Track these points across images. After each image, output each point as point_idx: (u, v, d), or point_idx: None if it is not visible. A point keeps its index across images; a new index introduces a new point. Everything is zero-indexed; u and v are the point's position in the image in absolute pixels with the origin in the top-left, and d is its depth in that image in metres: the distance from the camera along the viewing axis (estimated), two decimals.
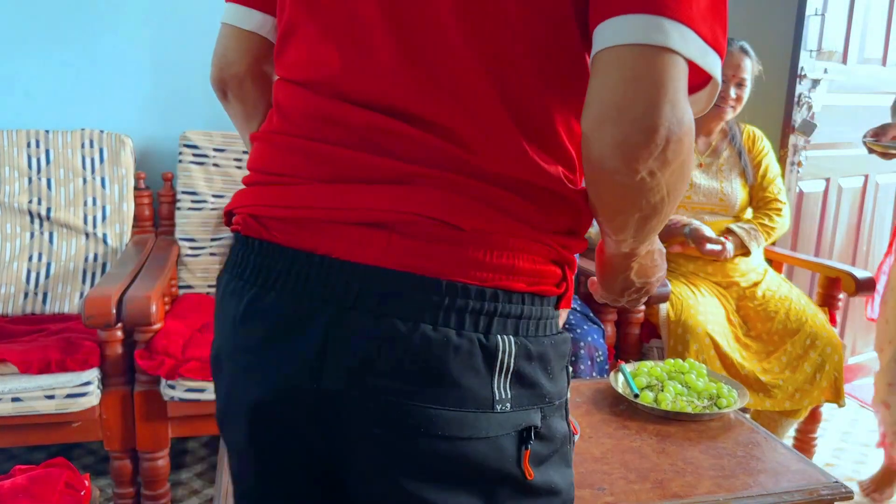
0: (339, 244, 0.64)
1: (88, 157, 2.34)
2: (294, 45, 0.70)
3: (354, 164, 0.64)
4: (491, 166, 0.63)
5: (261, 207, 0.68)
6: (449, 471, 0.64)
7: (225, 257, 2.39)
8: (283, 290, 0.65)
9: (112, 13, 2.45)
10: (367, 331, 0.63)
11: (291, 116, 0.69)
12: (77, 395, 1.82)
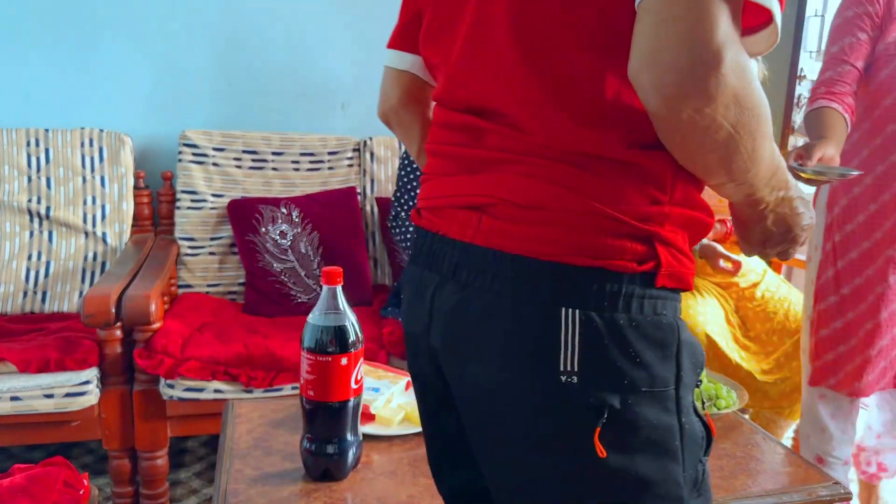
0: (451, 225, 0.75)
1: (88, 155, 2.34)
2: (432, 75, 0.90)
3: (462, 158, 0.76)
4: (549, 145, 0.68)
5: (420, 200, 0.84)
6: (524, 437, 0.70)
7: (224, 256, 2.40)
8: (418, 261, 0.81)
9: (112, 12, 2.45)
10: (452, 299, 0.73)
11: (432, 127, 0.85)
12: (76, 394, 1.82)
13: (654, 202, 0.68)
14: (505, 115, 0.72)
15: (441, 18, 0.82)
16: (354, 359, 1.13)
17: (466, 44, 0.76)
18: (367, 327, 2.02)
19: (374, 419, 1.34)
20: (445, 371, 0.78)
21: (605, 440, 0.66)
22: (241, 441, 1.30)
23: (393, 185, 2.55)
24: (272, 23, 2.59)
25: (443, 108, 0.82)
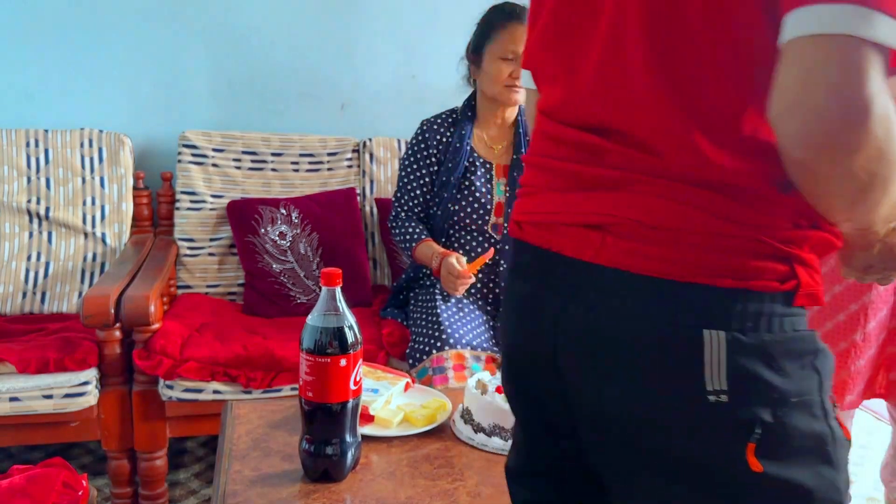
0: (566, 243, 0.75)
1: (87, 156, 2.34)
2: (538, 83, 0.88)
3: (576, 175, 0.76)
4: (685, 171, 0.68)
5: (519, 213, 0.84)
6: (667, 459, 0.69)
7: (223, 257, 2.40)
8: (529, 278, 0.80)
9: (112, 13, 2.45)
10: (584, 320, 0.72)
11: (539, 140, 0.84)
12: (75, 394, 1.82)
13: (796, 226, 0.68)
14: (632, 137, 0.71)
15: (561, 28, 0.80)
16: (353, 360, 1.14)
17: (596, 63, 0.74)
18: (366, 328, 2.02)
19: (373, 420, 1.34)
20: (573, 393, 0.76)
21: (760, 455, 0.66)
22: (240, 442, 1.30)
23: (393, 186, 2.55)
24: (272, 24, 2.59)
25: (552, 121, 0.81)
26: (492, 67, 1.96)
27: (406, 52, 2.72)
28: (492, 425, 1.30)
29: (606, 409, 0.72)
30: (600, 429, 0.74)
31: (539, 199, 0.80)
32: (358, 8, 2.65)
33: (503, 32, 1.94)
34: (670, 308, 0.68)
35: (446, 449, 1.29)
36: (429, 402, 1.41)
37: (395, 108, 2.74)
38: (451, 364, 1.80)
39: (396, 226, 2.11)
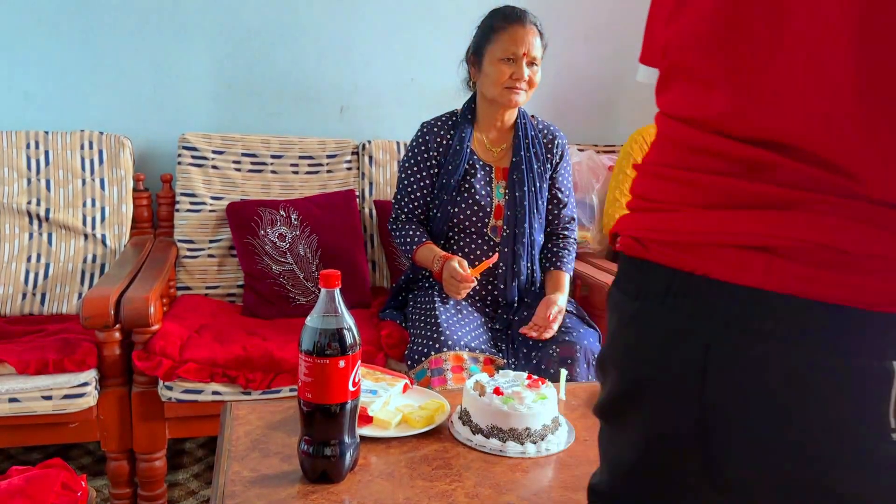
0: (716, 266, 0.67)
1: (88, 158, 2.35)
2: (678, 86, 0.76)
3: (733, 191, 0.68)
4: (881, 194, 0.62)
5: (642, 231, 0.75)
6: (833, 498, 0.64)
7: (223, 259, 2.40)
8: (663, 305, 0.71)
9: (112, 14, 2.46)
10: (745, 350, 0.65)
11: (670, 149, 0.75)
12: (74, 395, 1.83)
13: None
14: (813, 154, 0.64)
15: (729, 29, 0.70)
16: (352, 361, 1.14)
17: (781, 72, 0.66)
18: (364, 330, 2.03)
19: (372, 421, 1.35)
20: (719, 431, 0.69)
21: None
22: (239, 443, 1.30)
23: (391, 189, 2.56)
24: (272, 26, 2.60)
25: (702, 130, 0.72)
26: (492, 69, 1.97)
27: (405, 55, 2.73)
28: (490, 426, 1.30)
29: (768, 443, 0.66)
30: (753, 463, 0.67)
31: (673, 216, 0.72)
32: (357, 11, 2.66)
33: (503, 34, 1.95)
34: (855, 338, 0.62)
35: (444, 450, 1.30)
36: (427, 404, 1.41)
37: (394, 110, 2.75)
38: (450, 365, 1.80)
39: (396, 228, 2.12)
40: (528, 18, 1.98)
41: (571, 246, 2.15)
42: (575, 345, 1.87)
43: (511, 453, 1.28)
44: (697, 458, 0.71)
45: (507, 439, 1.29)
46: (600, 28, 2.89)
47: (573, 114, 2.90)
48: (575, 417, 1.45)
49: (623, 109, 2.98)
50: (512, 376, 1.44)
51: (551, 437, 1.31)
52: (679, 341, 0.70)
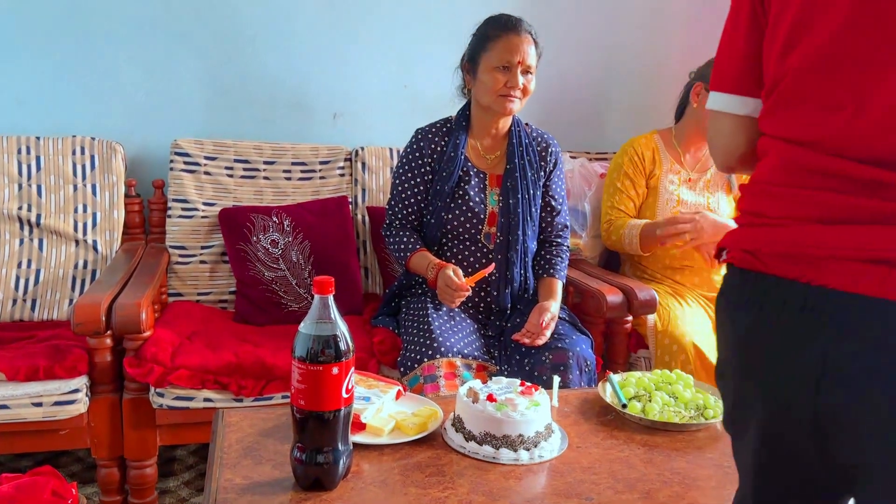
0: (834, 277, 0.72)
1: (79, 164, 2.34)
2: (791, 111, 0.82)
3: (851, 208, 0.73)
4: None
5: (756, 244, 0.81)
6: None
7: (215, 265, 2.40)
8: (781, 314, 0.77)
9: (104, 20, 2.45)
10: (861, 356, 0.71)
11: (783, 169, 0.82)
12: (65, 402, 1.82)
13: None
14: None
15: (850, 55, 0.76)
16: (345, 368, 1.14)
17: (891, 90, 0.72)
18: (357, 336, 2.02)
19: (365, 428, 1.35)
20: (834, 432, 0.75)
21: None
22: (232, 450, 1.30)
23: (384, 195, 2.56)
24: (265, 32, 2.60)
25: (820, 153, 0.77)
26: (487, 77, 1.97)
27: (398, 62, 2.74)
28: (483, 433, 1.31)
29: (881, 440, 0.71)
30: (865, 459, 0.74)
31: (789, 231, 0.78)
32: (350, 18, 2.67)
33: (498, 43, 1.95)
34: None
35: (437, 457, 1.30)
36: (420, 411, 1.41)
37: (388, 117, 2.75)
38: (443, 372, 1.80)
39: (390, 234, 2.12)
40: (523, 27, 1.98)
41: (564, 253, 2.16)
42: (567, 351, 1.88)
43: (504, 460, 1.28)
44: (813, 455, 0.77)
45: (501, 446, 1.29)
46: (592, 37, 2.91)
47: (565, 121, 2.91)
48: (568, 424, 1.45)
49: (614, 118, 3.00)
50: (505, 383, 1.44)
51: (544, 444, 1.32)
52: (797, 348, 0.75)
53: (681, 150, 2.46)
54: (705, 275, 2.40)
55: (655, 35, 2.98)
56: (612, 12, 2.91)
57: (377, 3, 2.68)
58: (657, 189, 2.42)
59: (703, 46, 2.48)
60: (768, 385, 0.79)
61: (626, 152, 2.45)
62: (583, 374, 1.88)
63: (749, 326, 0.81)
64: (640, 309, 2.17)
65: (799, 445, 0.79)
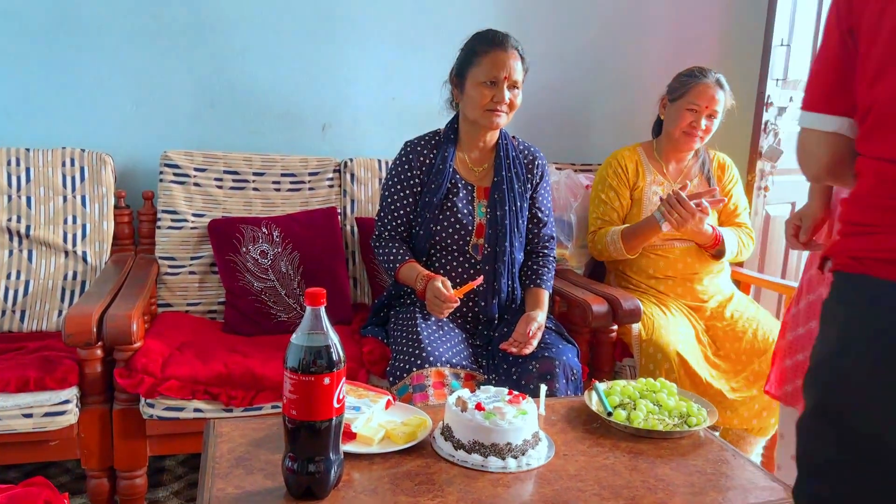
0: None
1: (69, 175, 2.35)
2: (884, 134, 0.96)
3: None
4: None
5: (860, 251, 0.92)
6: None
7: (204, 276, 2.41)
8: (876, 309, 0.90)
9: (94, 32, 2.47)
10: None
11: (882, 185, 0.94)
12: (55, 413, 1.82)
13: None
14: None
15: None
16: (337, 378, 1.16)
17: None
18: (347, 346, 2.04)
19: (356, 438, 1.37)
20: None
21: None
22: (223, 460, 1.31)
23: (373, 206, 2.58)
24: (255, 45, 2.62)
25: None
26: (474, 92, 2.00)
27: (386, 74, 2.77)
28: (472, 442, 1.33)
29: None
30: None
31: (888, 238, 0.91)
32: (340, 31, 2.69)
33: (486, 59, 1.98)
34: None
35: (427, 466, 1.32)
36: (409, 420, 1.44)
37: (376, 129, 2.78)
38: (431, 382, 1.83)
39: (380, 246, 2.14)
40: (510, 43, 2.01)
41: (550, 264, 2.19)
42: (554, 360, 1.90)
43: (492, 468, 1.31)
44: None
45: (489, 454, 1.32)
46: (576, 50, 2.95)
47: (551, 133, 2.95)
48: (554, 432, 1.48)
49: (598, 130, 3.04)
50: (493, 392, 1.46)
51: (532, 452, 1.34)
52: (887, 337, 0.87)
53: (662, 161, 2.50)
54: (688, 285, 2.44)
55: (639, 49, 3.03)
56: (596, 26, 2.96)
57: (366, 17, 2.71)
58: (641, 200, 2.46)
59: (685, 60, 2.54)
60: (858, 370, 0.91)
61: (610, 165, 2.50)
62: (569, 383, 1.91)
63: (845, 321, 0.93)
64: (625, 318, 2.20)
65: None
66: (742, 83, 2.94)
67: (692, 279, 2.44)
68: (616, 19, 2.98)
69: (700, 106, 2.34)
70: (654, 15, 3.02)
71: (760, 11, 2.96)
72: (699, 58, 2.75)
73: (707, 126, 2.37)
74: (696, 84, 2.36)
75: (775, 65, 2.87)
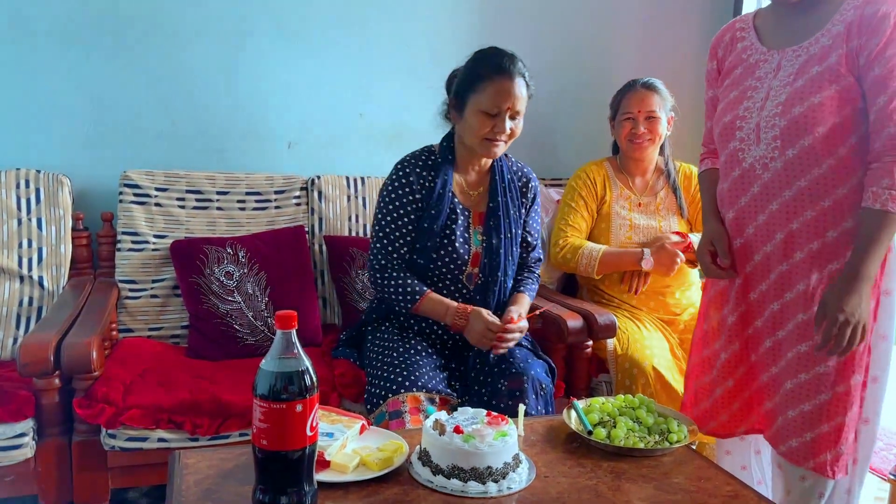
0: None
1: (24, 197, 2.27)
2: None
3: None
4: None
5: None
6: None
7: (167, 299, 2.33)
8: None
9: (50, 49, 2.40)
10: None
11: None
12: (10, 447, 1.74)
13: None
14: None
15: None
16: (310, 405, 1.11)
17: None
18: (318, 369, 1.98)
19: (329, 466, 1.31)
20: None
21: None
22: (190, 493, 1.25)
23: (341, 224, 2.54)
24: (216, 62, 2.57)
25: None
26: (474, 120, 1.88)
27: (352, 90, 2.73)
28: (450, 466, 1.28)
29: None
30: None
31: None
32: (303, 47, 2.66)
33: (490, 87, 1.85)
34: None
35: (404, 493, 1.27)
36: (385, 445, 1.39)
37: (344, 145, 2.74)
38: (408, 408, 1.77)
39: (388, 278, 1.97)
40: (517, 69, 1.88)
41: (536, 280, 2.15)
42: (522, 376, 1.86)
43: (473, 493, 1.26)
44: None
45: (469, 479, 1.27)
46: (545, 64, 2.95)
47: (519, 146, 2.93)
48: (534, 453, 1.44)
49: (567, 144, 3.05)
50: (471, 413, 1.42)
51: (513, 476, 1.30)
52: None
53: (628, 175, 2.51)
54: (661, 299, 2.43)
55: (607, 64, 3.04)
56: (566, 40, 2.96)
57: (330, 33, 2.68)
58: (609, 215, 2.46)
59: (654, 75, 2.54)
60: None
61: (580, 176, 2.52)
62: (539, 398, 1.87)
63: None
64: (601, 333, 2.18)
65: None
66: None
67: (664, 293, 2.44)
68: (585, 34, 2.99)
69: (634, 112, 2.40)
70: (623, 31, 3.04)
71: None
72: (668, 72, 2.76)
73: (649, 128, 2.39)
74: (624, 94, 2.46)
75: None
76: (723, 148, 1.73)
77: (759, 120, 1.62)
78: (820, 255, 1.58)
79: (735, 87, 1.70)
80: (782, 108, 1.58)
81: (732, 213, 1.72)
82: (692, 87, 2.96)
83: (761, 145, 1.62)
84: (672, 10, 3.10)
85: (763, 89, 1.64)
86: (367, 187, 2.60)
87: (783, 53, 1.63)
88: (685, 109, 2.62)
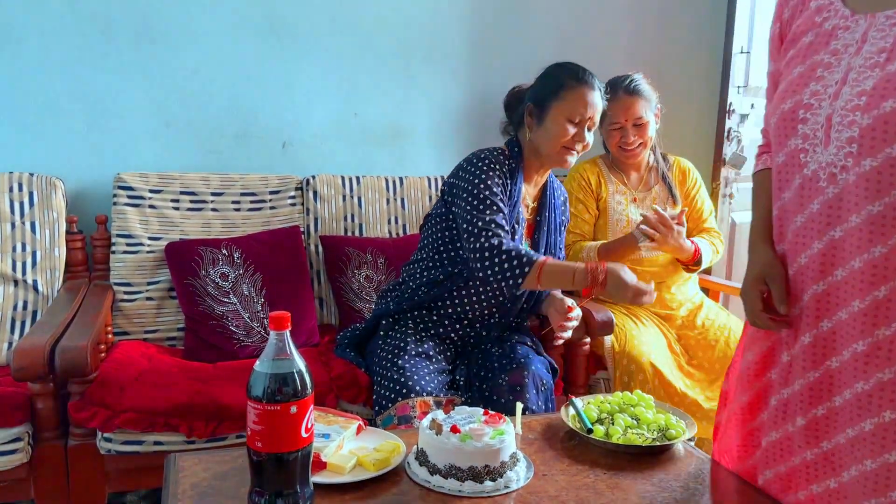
0: None
1: (17, 201, 2.25)
2: None
3: None
4: None
5: None
6: None
7: (162, 301, 2.32)
8: None
9: (42, 52, 2.38)
10: None
11: None
12: (5, 452, 1.73)
13: None
14: None
15: None
16: (305, 406, 1.10)
17: None
18: (314, 370, 1.97)
19: (326, 467, 1.30)
20: None
21: None
22: (186, 496, 1.24)
23: (337, 223, 2.53)
24: (210, 63, 2.56)
25: None
26: (555, 126, 1.88)
27: (347, 90, 2.72)
28: (448, 466, 1.28)
29: None
30: None
31: None
32: (297, 47, 2.64)
33: (573, 94, 1.87)
34: None
35: (402, 493, 1.26)
36: (382, 445, 1.38)
37: (339, 145, 2.73)
38: (417, 413, 1.77)
39: (503, 244, 1.80)
40: (597, 83, 1.92)
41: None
42: (523, 370, 1.86)
43: (470, 493, 1.25)
44: None
45: (466, 478, 1.26)
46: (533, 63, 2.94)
47: None
48: (532, 451, 1.43)
49: None
50: (467, 412, 1.41)
51: (510, 474, 1.29)
52: None
53: (622, 172, 2.50)
54: (658, 294, 2.42)
55: (597, 64, 3.03)
56: (554, 40, 2.95)
57: (324, 32, 2.66)
58: (606, 211, 2.46)
59: (640, 68, 2.53)
60: None
61: (574, 178, 2.49)
62: (539, 394, 1.86)
63: None
64: (598, 330, 2.17)
65: None
66: (704, 91, 2.96)
67: (660, 288, 2.43)
68: (573, 33, 2.98)
69: (621, 121, 2.39)
70: (611, 29, 3.03)
71: (719, 21, 2.98)
72: (659, 71, 2.75)
73: (639, 134, 2.38)
74: (609, 103, 2.32)
75: (736, 72, 2.89)
76: (780, 146, 1.22)
77: (830, 112, 1.12)
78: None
79: (801, 62, 1.20)
80: (867, 100, 1.07)
81: (789, 236, 1.22)
82: (679, 81, 2.95)
83: (830, 148, 1.12)
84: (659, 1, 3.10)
85: (840, 68, 1.13)
86: (362, 187, 2.59)
87: (873, 20, 1.12)
88: (673, 103, 2.61)
